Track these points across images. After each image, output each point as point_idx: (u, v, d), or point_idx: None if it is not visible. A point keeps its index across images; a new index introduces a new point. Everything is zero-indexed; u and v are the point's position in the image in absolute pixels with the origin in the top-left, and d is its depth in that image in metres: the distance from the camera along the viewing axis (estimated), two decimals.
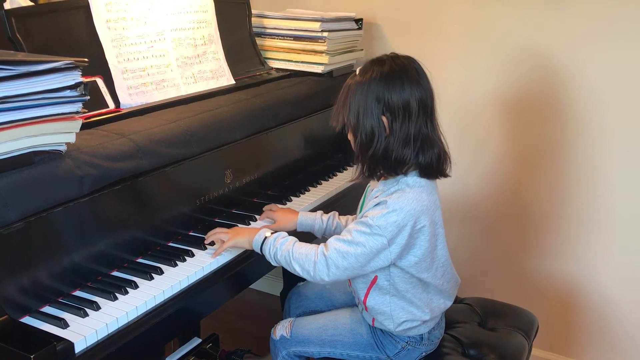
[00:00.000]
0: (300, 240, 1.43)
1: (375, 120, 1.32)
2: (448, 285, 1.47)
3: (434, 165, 1.35)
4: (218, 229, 1.52)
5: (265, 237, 1.43)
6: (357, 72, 1.36)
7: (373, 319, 1.48)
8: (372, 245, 1.32)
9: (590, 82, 1.92)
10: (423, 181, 1.36)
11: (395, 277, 1.40)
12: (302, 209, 1.76)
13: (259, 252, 1.44)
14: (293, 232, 1.62)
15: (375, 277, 1.42)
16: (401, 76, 1.31)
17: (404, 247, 1.33)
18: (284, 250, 1.38)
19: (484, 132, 2.13)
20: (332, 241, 1.36)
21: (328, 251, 1.35)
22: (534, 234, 2.15)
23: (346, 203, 1.90)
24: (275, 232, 1.45)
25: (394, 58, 1.35)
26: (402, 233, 1.31)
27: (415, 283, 1.41)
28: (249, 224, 1.65)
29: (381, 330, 1.49)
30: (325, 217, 1.62)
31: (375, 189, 1.42)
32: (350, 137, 1.40)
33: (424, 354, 1.50)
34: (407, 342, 1.47)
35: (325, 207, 1.84)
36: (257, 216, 1.67)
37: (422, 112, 1.32)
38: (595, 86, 1.92)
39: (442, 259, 1.43)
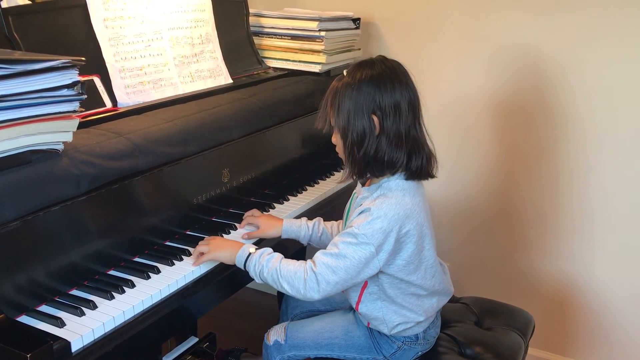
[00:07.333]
0: (283, 246, 1.39)
1: (366, 119, 1.31)
2: (440, 286, 1.47)
3: (423, 168, 1.36)
4: (200, 242, 1.45)
5: (250, 254, 1.38)
6: (345, 74, 1.36)
7: (369, 322, 1.48)
8: (361, 256, 1.30)
9: (582, 82, 1.93)
10: (406, 184, 1.36)
11: (384, 283, 1.40)
12: (300, 208, 1.77)
13: (242, 268, 1.39)
14: (277, 240, 1.57)
15: (366, 283, 1.42)
16: (392, 78, 1.32)
17: (391, 253, 1.33)
18: (270, 267, 1.34)
19: (479, 131, 2.14)
20: (319, 256, 1.33)
21: (317, 267, 1.31)
22: (530, 234, 2.16)
23: (343, 203, 1.89)
24: (259, 248, 1.40)
25: (383, 60, 1.35)
26: (388, 239, 1.31)
27: (404, 288, 1.40)
28: (236, 229, 1.60)
29: (377, 331, 1.49)
30: (311, 223, 1.60)
31: (360, 197, 1.41)
32: (335, 139, 1.39)
33: (420, 352, 1.50)
34: (403, 342, 1.47)
35: (323, 206, 1.84)
36: (237, 225, 1.61)
37: (411, 113, 1.33)
38: (588, 86, 1.92)
39: (430, 260, 1.42)
